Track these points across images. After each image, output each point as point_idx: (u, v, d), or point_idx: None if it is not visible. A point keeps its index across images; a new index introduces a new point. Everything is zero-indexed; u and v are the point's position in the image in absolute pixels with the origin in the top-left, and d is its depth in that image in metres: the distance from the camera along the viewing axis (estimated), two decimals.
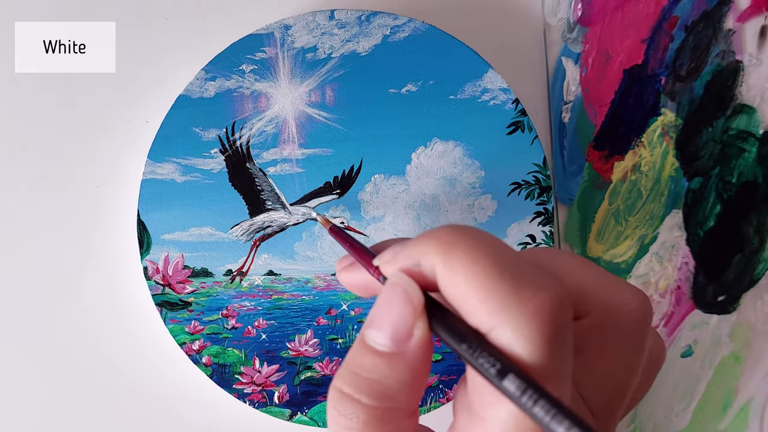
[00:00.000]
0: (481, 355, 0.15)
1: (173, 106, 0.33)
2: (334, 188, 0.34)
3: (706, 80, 0.36)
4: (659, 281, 0.37)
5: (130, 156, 0.35)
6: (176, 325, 0.33)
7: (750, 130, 0.36)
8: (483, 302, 0.16)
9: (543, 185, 0.34)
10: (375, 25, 0.34)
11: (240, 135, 0.34)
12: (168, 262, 0.33)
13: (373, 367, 0.18)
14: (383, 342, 0.18)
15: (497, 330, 0.16)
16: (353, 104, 0.34)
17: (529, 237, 0.35)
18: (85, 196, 0.35)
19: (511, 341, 0.16)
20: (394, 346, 0.17)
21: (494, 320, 0.16)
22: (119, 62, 0.35)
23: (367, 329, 0.18)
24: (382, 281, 0.20)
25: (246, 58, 0.34)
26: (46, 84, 0.35)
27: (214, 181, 0.34)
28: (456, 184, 0.35)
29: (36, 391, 0.35)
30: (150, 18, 0.35)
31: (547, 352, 0.15)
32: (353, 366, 0.18)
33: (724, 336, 0.37)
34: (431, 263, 0.17)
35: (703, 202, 0.36)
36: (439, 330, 0.17)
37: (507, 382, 0.15)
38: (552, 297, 0.16)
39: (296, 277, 0.34)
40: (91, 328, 0.35)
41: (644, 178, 0.37)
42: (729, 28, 0.36)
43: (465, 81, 0.34)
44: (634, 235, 0.37)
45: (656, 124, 0.37)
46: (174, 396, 0.35)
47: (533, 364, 0.15)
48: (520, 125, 0.35)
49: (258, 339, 0.34)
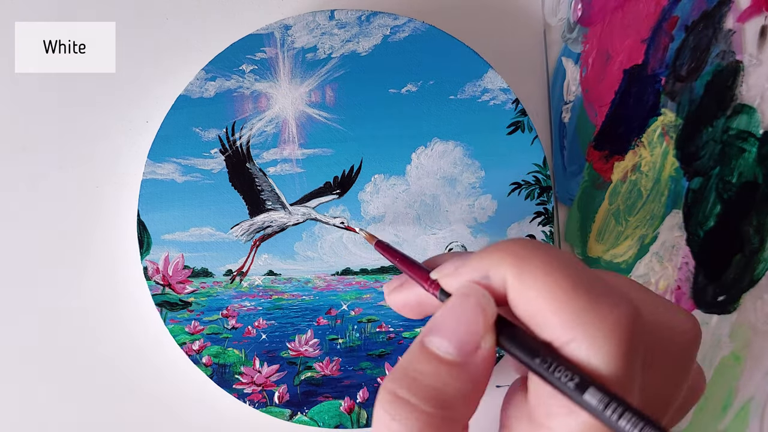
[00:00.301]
0: (557, 369, 0.15)
1: (173, 106, 0.33)
2: (334, 188, 0.34)
3: (706, 80, 0.36)
4: (659, 281, 0.37)
5: (130, 156, 0.35)
6: (176, 325, 0.33)
7: (750, 130, 0.36)
8: (558, 315, 0.16)
9: (543, 185, 0.34)
10: (375, 25, 0.34)
11: (240, 135, 0.34)
12: (168, 262, 0.33)
13: (435, 374, 0.17)
14: (449, 350, 0.17)
15: (574, 343, 0.16)
16: (353, 104, 0.34)
17: (529, 237, 0.35)
18: (85, 196, 0.35)
19: (589, 355, 0.16)
20: (461, 356, 0.17)
21: (570, 334, 0.16)
22: (119, 62, 0.35)
23: (431, 336, 0.18)
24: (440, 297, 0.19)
25: (246, 58, 0.34)
26: (46, 84, 0.35)
27: (214, 181, 0.34)
28: (456, 184, 0.35)
29: (36, 391, 0.35)
30: (150, 18, 0.35)
31: (624, 366, 0.16)
32: (411, 371, 0.17)
33: (724, 336, 0.37)
34: (501, 276, 0.17)
35: (703, 202, 0.36)
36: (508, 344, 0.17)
37: (588, 395, 0.15)
38: (628, 313, 0.16)
39: (296, 277, 0.34)
40: (91, 328, 0.35)
41: (644, 178, 0.37)
42: (729, 28, 0.36)
43: (465, 81, 0.34)
44: (635, 235, 0.37)
45: (656, 124, 0.37)
46: (174, 396, 0.35)
47: (610, 377, 0.15)
48: (520, 125, 0.35)
49: (258, 339, 0.34)
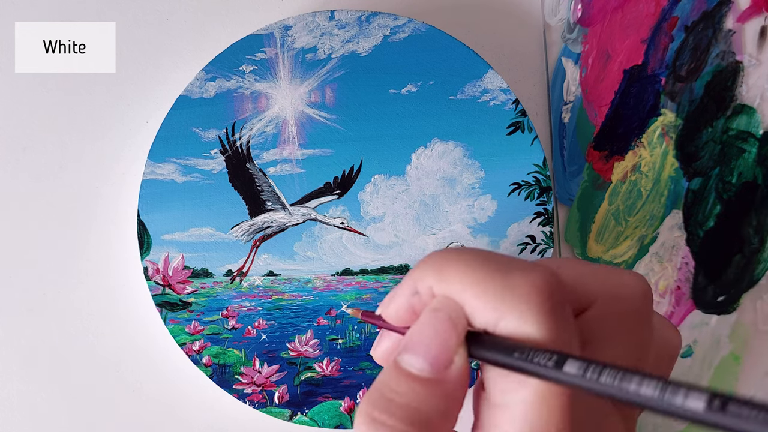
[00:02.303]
0: (536, 355, 0.16)
1: (173, 107, 0.33)
2: (334, 188, 0.34)
3: (706, 80, 0.36)
4: (659, 281, 0.37)
5: (130, 156, 0.35)
6: (176, 325, 0.33)
7: (750, 131, 0.36)
8: (481, 300, 0.16)
9: (543, 185, 0.34)
10: (375, 25, 0.34)
11: (240, 135, 0.34)
12: (168, 262, 0.33)
13: (411, 392, 0.17)
14: (423, 367, 0.17)
15: (502, 321, 0.16)
16: (353, 104, 0.34)
17: (529, 237, 0.35)
18: (85, 196, 0.35)
19: (519, 324, 0.16)
20: (434, 371, 0.17)
21: (496, 313, 0.16)
22: (119, 62, 0.35)
23: (404, 354, 0.18)
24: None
25: (246, 59, 0.34)
26: (46, 84, 0.35)
27: (214, 181, 0.34)
28: (456, 184, 0.35)
29: (36, 391, 0.35)
30: (150, 18, 0.35)
31: (553, 324, 0.16)
32: (387, 392, 0.17)
33: (723, 336, 0.37)
34: (427, 286, 0.18)
35: (703, 202, 0.36)
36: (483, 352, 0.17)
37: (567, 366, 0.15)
38: (541, 275, 0.16)
39: (296, 278, 0.34)
40: (91, 329, 0.35)
41: (644, 178, 0.37)
42: (729, 28, 0.36)
43: (465, 81, 0.34)
44: (634, 235, 0.37)
45: (656, 125, 0.37)
46: (174, 396, 0.35)
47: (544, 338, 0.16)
48: (520, 125, 0.35)
49: (258, 339, 0.34)
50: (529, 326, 0.16)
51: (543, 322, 0.16)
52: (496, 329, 0.16)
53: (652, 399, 0.13)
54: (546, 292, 0.16)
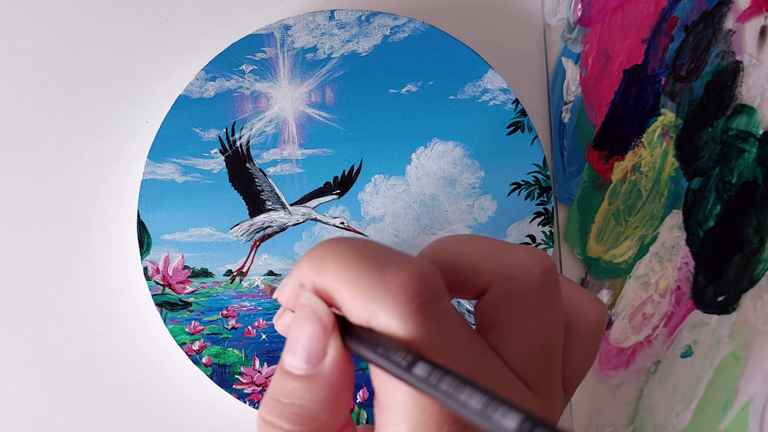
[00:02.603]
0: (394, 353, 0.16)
1: (173, 107, 0.33)
2: (334, 188, 0.34)
3: (706, 80, 0.36)
4: (659, 281, 0.37)
5: (130, 156, 0.35)
6: (176, 325, 0.33)
7: (750, 131, 0.36)
8: (355, 296, 0.16)
9: (543, 185, 0.34)
10: (375, 25, 0.34)
11: (240, 135, 0.34)
12: (168, 262, 0.33)
13: (292, 391, 0.17)
14: (298, 365, 0.17)
15: (373, 319, 0.16)
16: (353, 104, 0.34)
17: (529, 237, 0.35)
18: (85, 196, 0.35)
19: (387, 322, 0.16)
20: (309, 367, 0.17)
21: (368, 310, 0.16)
22: (119, 62, 0.35)
23: (285, 354, 0.18)
24: None
25: (246, 59, 0.34)
26: (47, 84, 0.35)
27: (214, 181, 0.34)
28: (456, 185, 0.35)
29: (36, 391, 0.35)
30: (150, 18, 0.35)
31: (419, 324, 0.16)
32: (274, 393, 0.18)
33: (724, 336, 0.37)
34: (310, 279, 0.17)
35: (703, 202, 0.36)
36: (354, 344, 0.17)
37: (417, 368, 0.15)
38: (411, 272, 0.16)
39: None
40: (91, 329, 0.35)
41: (644, 178, 0.37)
42: (729, 28, 0.36)
43: (465, 81, 0.34)
44: (634, 235, 0.37)
45: (656, 125, 0.37)
46: (174, 396, 0.35)
47: (410, 338, 0.16)
48: (520, 125, 0.35)
49: (258, 339, 0.34)
50: (395, 324, 0.16)
51: (408, 321, 0.16)
52: (369, 325, 0.16)
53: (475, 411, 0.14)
54: (413, 290, 0.16)
